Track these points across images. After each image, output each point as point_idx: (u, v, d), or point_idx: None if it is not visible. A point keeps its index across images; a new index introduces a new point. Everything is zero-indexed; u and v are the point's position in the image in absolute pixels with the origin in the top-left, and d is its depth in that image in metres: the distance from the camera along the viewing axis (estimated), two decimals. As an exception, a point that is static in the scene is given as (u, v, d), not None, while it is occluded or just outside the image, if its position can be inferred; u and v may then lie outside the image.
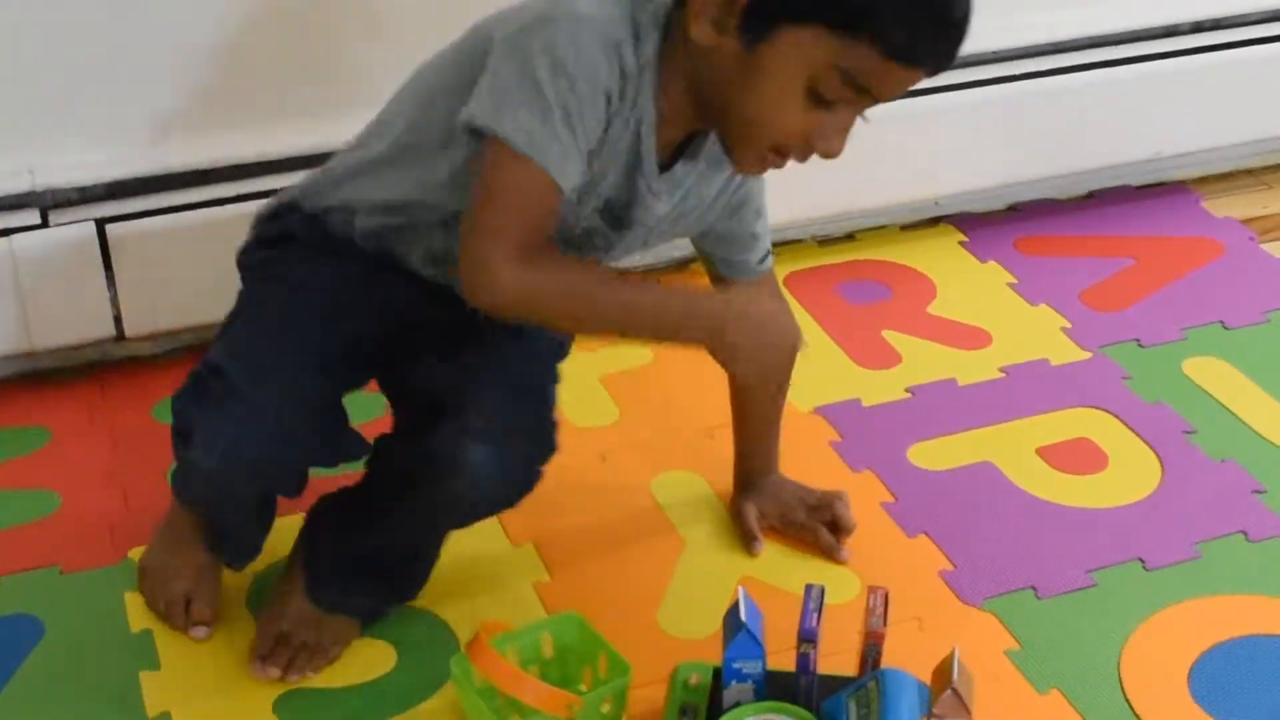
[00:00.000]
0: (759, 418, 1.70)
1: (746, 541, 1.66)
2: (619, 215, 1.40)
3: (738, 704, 1.39)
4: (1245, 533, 1.69)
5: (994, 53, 2.10)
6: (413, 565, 1.55)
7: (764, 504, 1.68)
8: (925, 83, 2.06)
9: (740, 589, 1.41)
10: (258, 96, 1.81)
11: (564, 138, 1.27)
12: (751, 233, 1.56)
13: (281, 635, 1.50)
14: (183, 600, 1.55)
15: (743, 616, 1.38)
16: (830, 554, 1.64)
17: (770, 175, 2.02)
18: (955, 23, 1.26)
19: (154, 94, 1.79)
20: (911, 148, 2.11)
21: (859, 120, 1.31)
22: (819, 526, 1.66)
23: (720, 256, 1.58)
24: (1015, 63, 2.12)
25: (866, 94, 1.28)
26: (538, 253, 1.29)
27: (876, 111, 2.03)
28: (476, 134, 1.29)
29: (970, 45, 2.05)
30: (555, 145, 1.27)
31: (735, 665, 1.39)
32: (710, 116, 1.34)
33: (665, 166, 1.38)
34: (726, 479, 1.75)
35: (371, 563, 1.51)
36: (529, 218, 1.29)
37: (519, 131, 1.26)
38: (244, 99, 1.81)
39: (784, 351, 1.45)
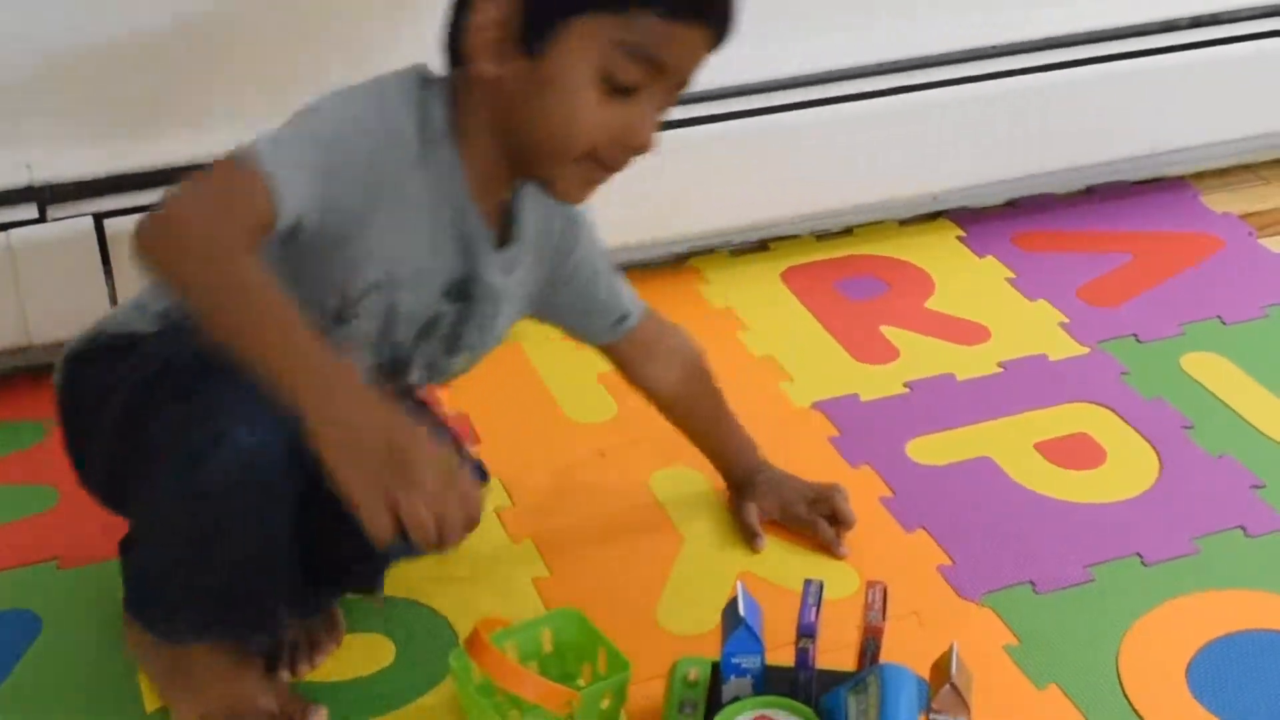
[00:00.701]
0: (709, 419, 1.68)
1: (749, 538, 1.66)
2: (462, 293, 1.36)
3: (736, 699, 1.40)
4: (1244, 528, 1.69)
5: (992, 47, 2.10)
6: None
7: (764, 501, 1.68)
8: (924, 77, 2.10)
9: (739, 584, 1.42)
10: (257, 91, 1.81)
11: (287, 152, 1.22)
12: (601, 300, 1.55)
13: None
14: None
15: (741, 612, 1.38)
16: (830, 548, 1.64)
17: (769, 171, 2.05)
18: None
19: (152, 88, 1.79)
20: (909, 143, 2.11)
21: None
22: (819, 520, 1.66)
23: (576, 326, 1.59)
24: (1013, 58, 2.12)
25: (662, 69, 1.25)
26: (240, 243, 1.19)
27: (875, 106, 2.05)
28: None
29: (969, 41, 2.09)
30: (270, 154, 1.21)
31: (734, 660, 1.39)
32: (522, 158, 1.31)
33: (503, 241, 1.37)
34: (725, 474, 1.76)
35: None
36: (228, 197, 1.20)
37: (253, 149, 1.21)
38: (243, 93, 1.80)
39: (377, 492, 1.20)
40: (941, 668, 1.38)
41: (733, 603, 1.40)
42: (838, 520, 1.66)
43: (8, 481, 1.74)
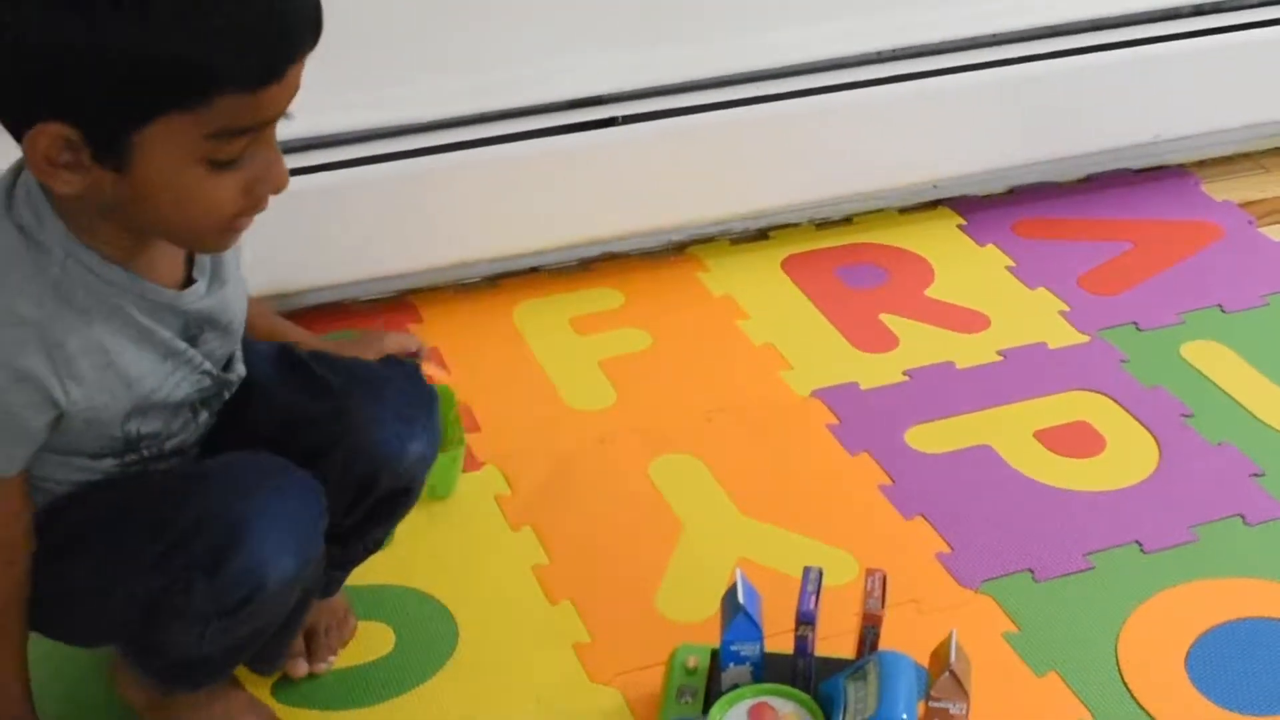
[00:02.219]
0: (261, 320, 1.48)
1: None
2: (196, 339, 1.27)
3: (735, 686, 1.40)
4: (1243, 516, 1.69)
5: (992, 36, 2.11)
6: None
7: None
8: (924, 65, 2.10)
9: (738, 571, 1.42)
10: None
11: None
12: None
13: None
14: None
15: (740, 599, 1.39)
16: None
17: (769, 159, 2.06)
18: (280, 12, 1.10)
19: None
20: (910, 131, 2.11)
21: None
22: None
23: None
24: (1013, 46, 2.12)
25: (262, 124, 1.13)
26: None
27: (876, 94, 2.05)
28: None
29: (970, 28, 2.09)
30: None
31: (733, 648, 1.39)
32: (148, 233, 1.19)
33: (190, 274, 1.25)
34: (724, 463, 1.76)
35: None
36: None
37: None
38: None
39: None
40: (941, 655, 1.39)
41: (732, 590, 1.41)
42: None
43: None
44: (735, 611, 1.39)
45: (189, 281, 1.24)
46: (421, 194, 1.92)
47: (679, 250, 2.14)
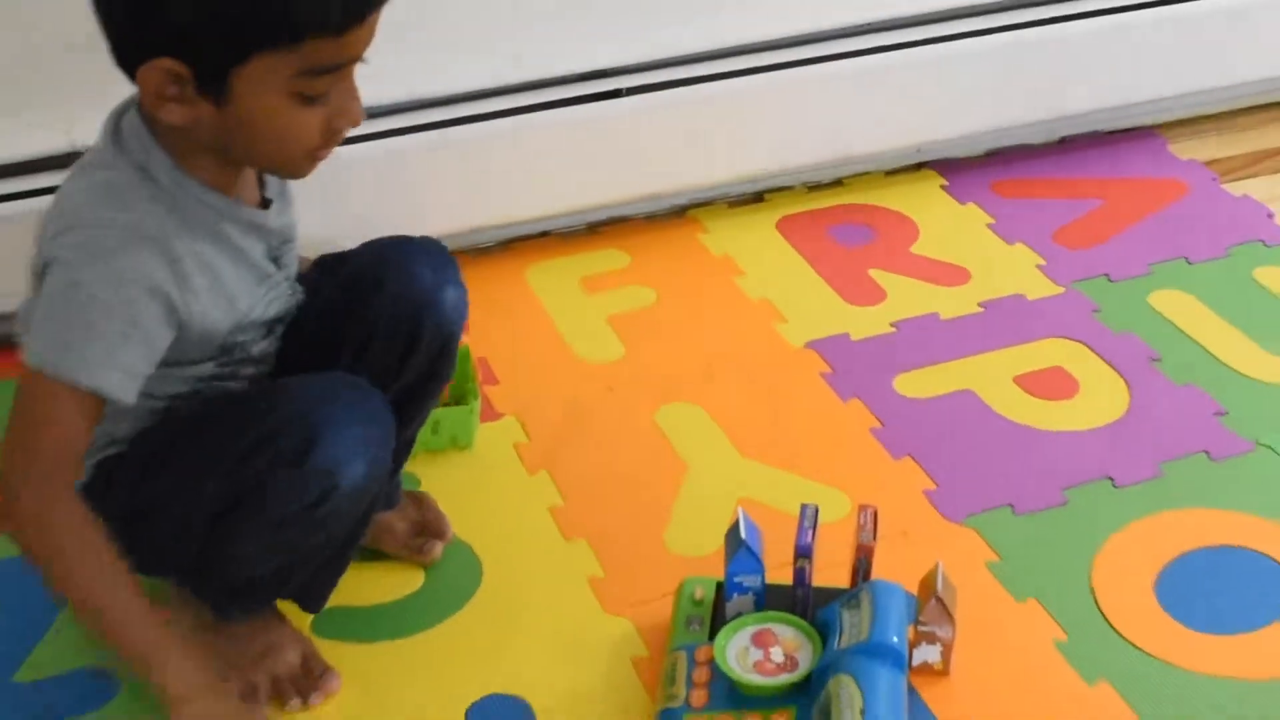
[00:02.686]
0: None
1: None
2: (275, 259, 1.34)
3: (739, 615, 1.42)
4: (1207, 452, 1.71)
5: (971, 7, 2.10)
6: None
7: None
8: (907, 36, 2.09)
9: (740, 509, 1.43)
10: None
11: (89, 349, 1.19)
12: None
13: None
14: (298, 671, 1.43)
15: (743, 535, 1.40)
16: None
17: (763, 126, 2.06)
18: None
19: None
20: (894, 98, 2.11)
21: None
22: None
23: None
24: (991, 17, 2.12)
25: (344, 65, 1.20)
26: (61, 487, 1.23)
27: (862, 64, 2.05)
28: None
29: (950, 1, 2.08)
30: (78, 362, 1.19)
31: (736, 579, 1.41)
32: (247, 165, 1.27)
33: (264, 194, 1.33)
34: (725, 409, 1.77)
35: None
36: (50, 431, 1.21)
37: (38, 355, 1.20)
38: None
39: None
40: (928, 583, 1.41)
41: (734, 527, 1.42)
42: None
43: (61, 425, 1.75)
44: (738, 546, 1.40)
45: (265, 204, 1.32)
46: (437, 164, 1.92)
47: (680, 213, 2.14)
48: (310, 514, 1.27)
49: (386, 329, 1.40)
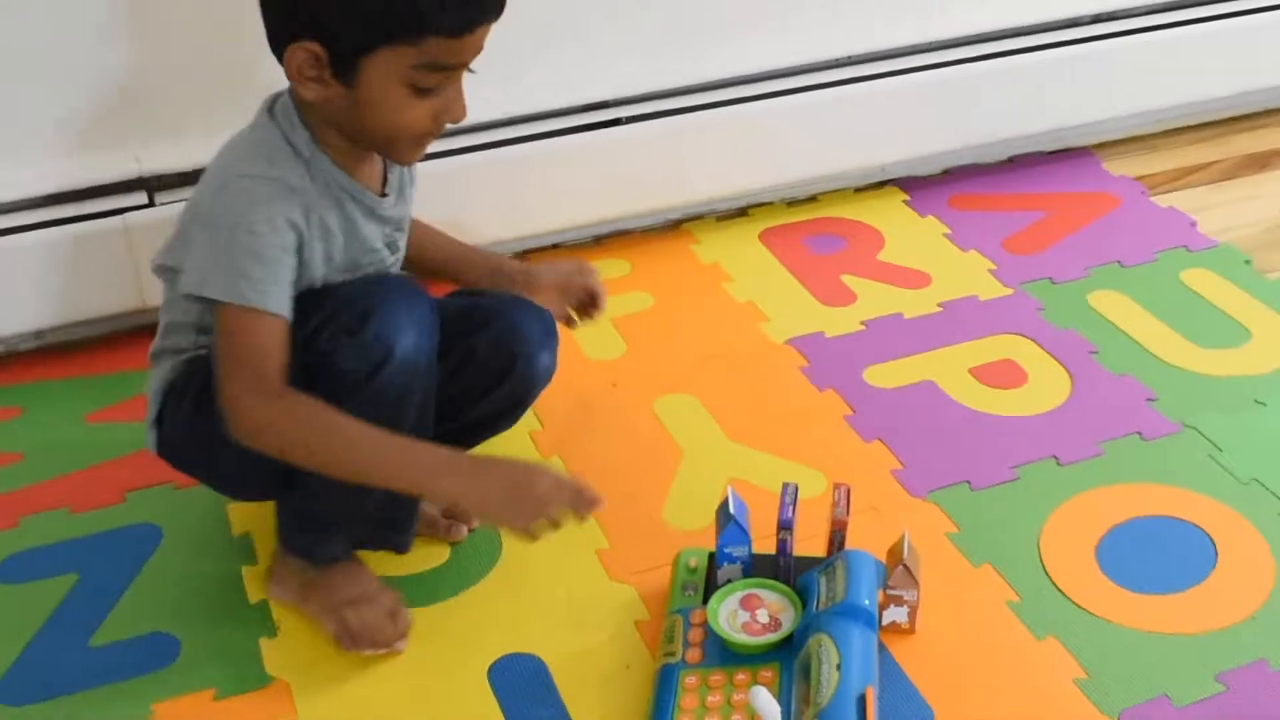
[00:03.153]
0: (437, 241, 1.57)
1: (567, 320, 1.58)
2: (389, 244, 1.40)
3: (729, 581, 1.41)
4: (1140, 433, 1.69)
5: (928, 44, 2.10)
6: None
7: (545, 296, 1.56)
8: (874, 69, 2.09)
9: (729, 488, 1.43)
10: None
11: (259, 273, 1.25)
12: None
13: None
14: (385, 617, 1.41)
15: (731, 510, 1.39)
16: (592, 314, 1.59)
17: (748, 149, 2.05)
18: None
19: (237, 93, 1.78)
20: (863, 123, 2.10)
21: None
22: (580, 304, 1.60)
23: None
24: (946, 51, 2.11)
25: (456, 68, 1.27)
26: (281, 388, 1.26)
27: (835, 94, 2.05)
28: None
29: (910, 38, 2.08)
30: (253, 285, 1.25)
31: (726, 550, 1.40)
32: (366, 145, 1.32)
33: (383, 189, 1.38)
34: (715, 400, 1.76)
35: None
36: (256, 352, 1.26)
37: (222, 288, 1.25)
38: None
39: (529, 507, 1.28)
40: (895, 552, 1.40)
41: (724, 503, 1.41)
42: (594, 300, 1.60)
43: (132, 420, 1.74)
44: (727, 521, 1.39)
45: (383, 195, 1.37)
46: (463, 186, 1.91)
47: (674, 227, 2.13)
48: (371, 383, 1.27)
49: (484, 358, 1.42)
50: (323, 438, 1.25)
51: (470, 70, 1.28)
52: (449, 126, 1.31)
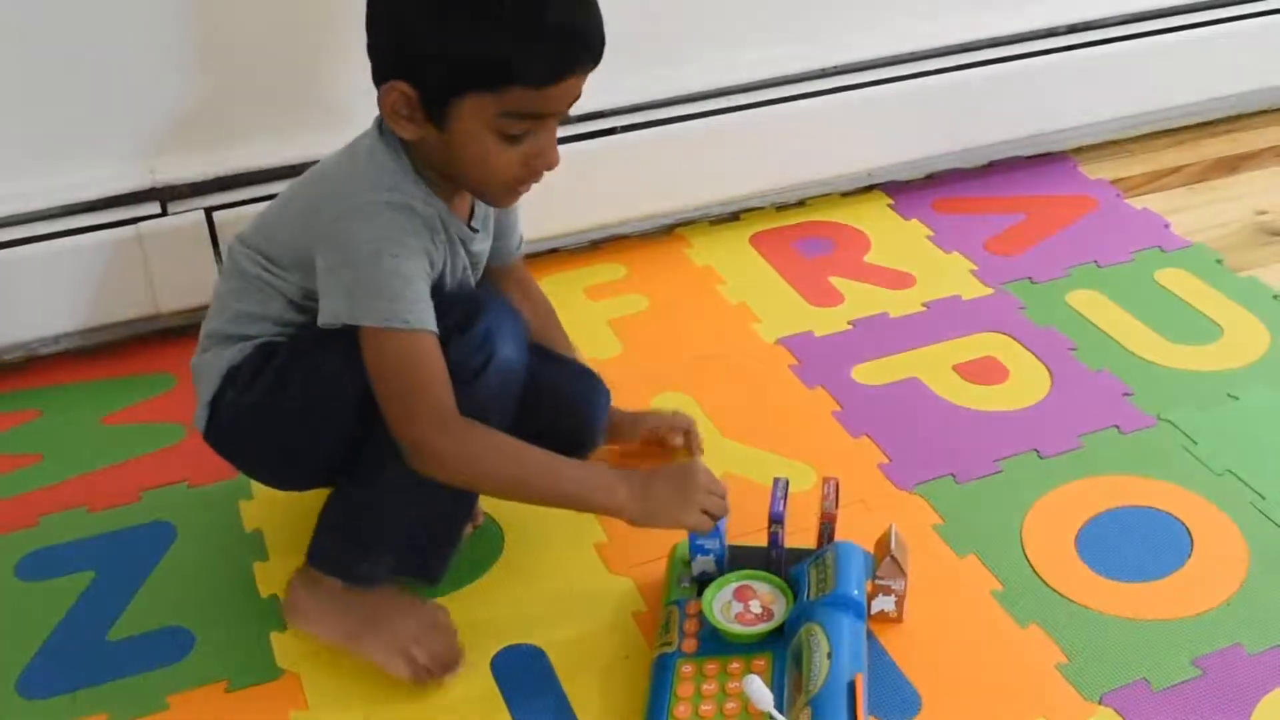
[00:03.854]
0: (560, 340, 1.57)
1: (674, 430, 1.60)
2: (473, 268, 1.39)
3: (704, 573, 1.39)
4: (1118, 426, 1.69)
5: (912, 53, 2.09)
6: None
7: (633, 432, 1.61)
8: (860, 78, 2.09)
9: None
10: (335, 102, 1.80)
11: (410, 294, 1.22)
12: (515, 225, 1.51)
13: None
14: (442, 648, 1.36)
15: None
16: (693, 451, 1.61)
17: (739, 156, 2.04)
18: (579, 28, 1.20)
19: (248, 107, 1.78)
20: (849, 131, 2.10)
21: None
22: (683, 446, 1.61)
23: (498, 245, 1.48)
24: (930, 61, 2.10)
25: (546, 116, 1.23)
26: (459, 418, 1.23)
27: (822, 103, 2.04)
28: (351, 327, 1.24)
29: (895, 48, 2.08)
30: (408, 306, 1.22)
31: (699, 542, 1.39)
32: (459, 184, 1.30)
33: (470, 222, 1.36)
34: (709, 397, 1.75)
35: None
36: (426, 379, 1.23)
37: (378, 314, 1.22)
38: (323, 106, 1.79)
39: (696, 498, 1.32)
40: (883, 543, 1.39)
41: None
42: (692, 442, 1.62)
43: (145, 421, 1.74)
44: None
45: (472, 230, 1.35)
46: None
47: (668, 231, 2.12)
48: (474, 384, 1.24)
49: (549, 422, 1.38)
50: (515, 466, 1.26)
51: (567, 117, 1.25)
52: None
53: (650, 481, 1.31)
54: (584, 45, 1.21)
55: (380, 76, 1.23)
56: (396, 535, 1.35)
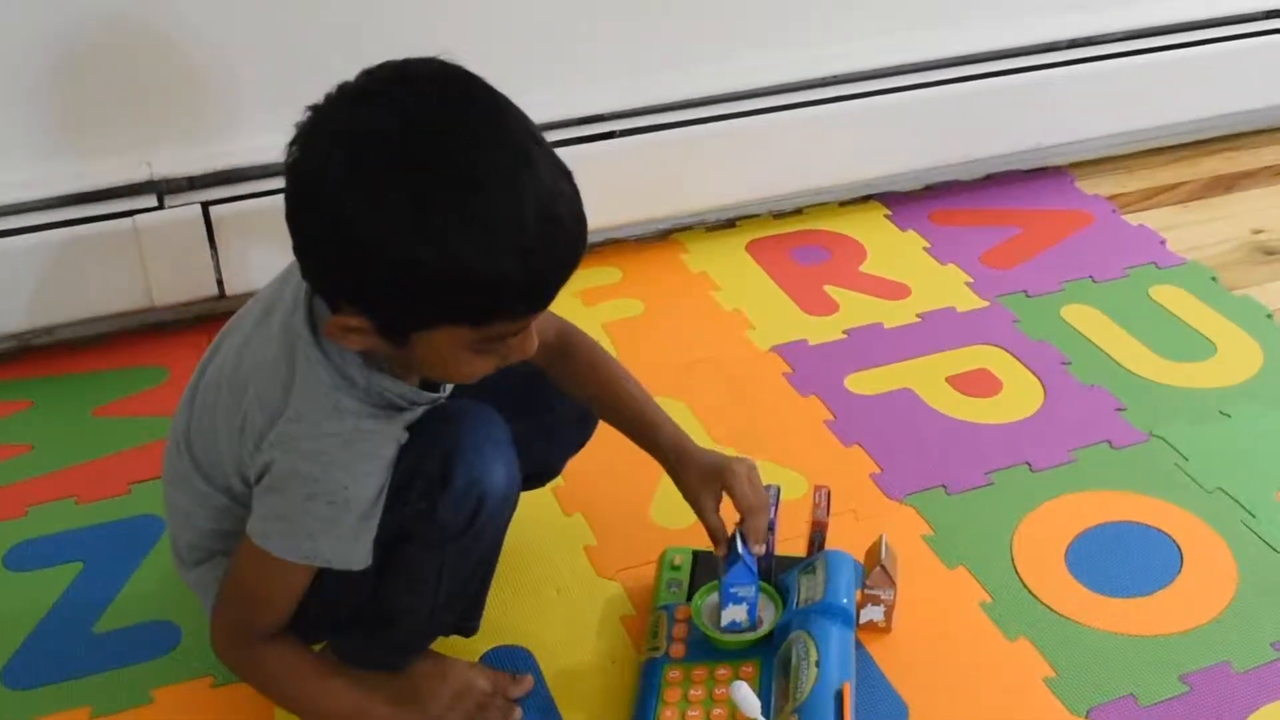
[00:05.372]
0: (633, 392, 1.38)
1: (716, 543, 1.34)
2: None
3: (734, 622, 1.34)
4: (1110, 442, 1.69)
5: (911, 65, 2.09)
6: None
7: (711, 489, 1.36)
8: (858, 88, 2.09)
9: (739, 528, 1.33)
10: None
11: (329, 537, 1.12)
12: None
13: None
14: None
15: (739, 549, 1.32)
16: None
17: (736, 163, 2.04)
18: (560, 258, 1.05)
19: (243, 102, 1.77)
20: (847, 140, 2.10)
21: None
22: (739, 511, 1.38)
23: None
24: (929, 72, 2.10)
25: (525, 328, 1.08)
26: (261, 638, 1.18)
27: (820, 111, 2.04)
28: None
29: (894, 59, 2.08)
30: (314, 547, 1.12)
31: (732, 590, 1.32)
32: (414, 372, 1.15)
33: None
34: (702, 403, 1.75)
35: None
36: (273, 604, 1.16)
37: (289, 549, 1.12)
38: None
39: (478, 703, 1.27)
40: (873, 553, 1.39)
41: (733, 537, 1.33)
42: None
43: (140, 414, 1.73)
44: (735, 559, 1.31)
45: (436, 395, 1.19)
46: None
47: (664, 236, 2.12)
48: (470, 529, 1.16)
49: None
50: (286, 698, 1.23)
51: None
52: None
53: (420, 700, 1.26)
54: (571, 248, 1.06)
55: (321, 288, 1.07)
56: (437, 626, 1.30)
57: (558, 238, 1.04)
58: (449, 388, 1.22)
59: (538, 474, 1.45)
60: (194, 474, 1.21)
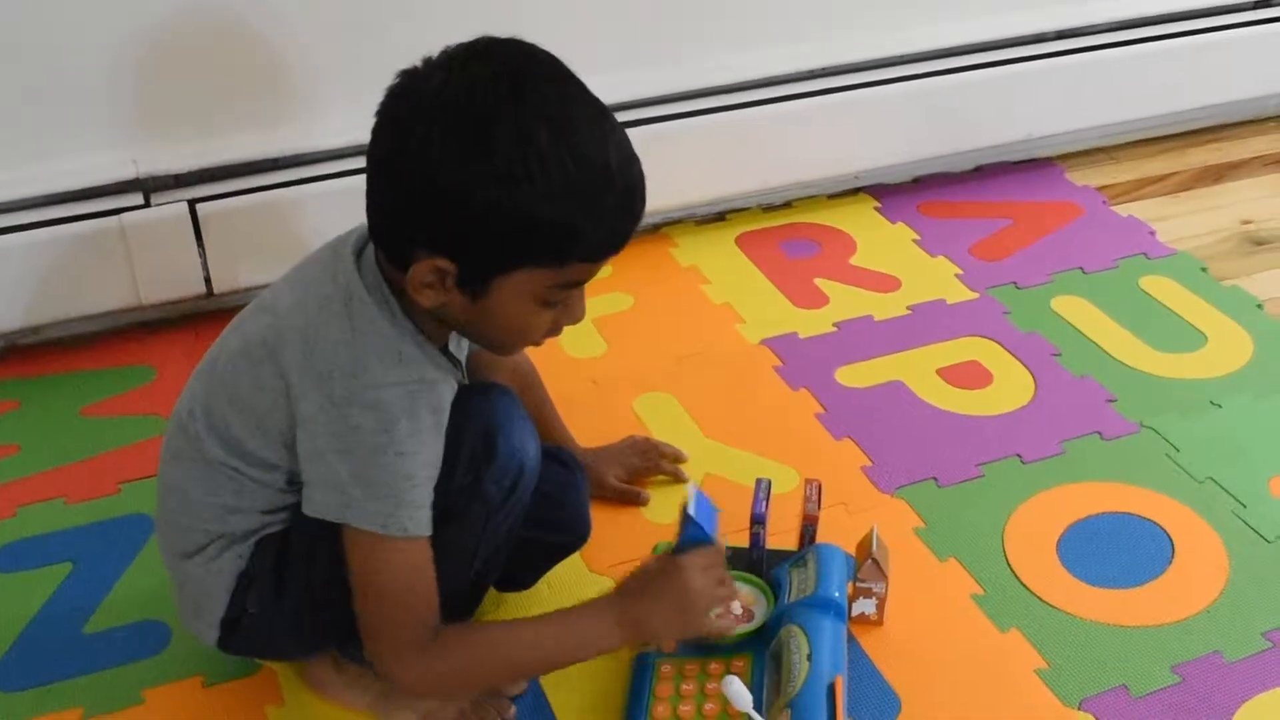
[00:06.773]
0: (536, 413, 1.42)
1: (632, 498, 1.55)
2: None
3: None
4: (1100, 433, 1.69)
5: (900, 56, 2.09)
6: None
7: (611, 470, 1.57)
8: (847, 80, 2.09)
9: (690, 486, 1.36)
10: (318, 95, 1.79)
11: (413, 496, 1.11)
12: None
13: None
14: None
15: (691, 510, 1.32)
16: (679, 475, 1.59)
17: (726, 157, 2.04)
18: (636, 208, 1.11)
19: (231, 99, 1.77)
20: (836, 133, 2.10)
21: None
22: (661, 462, 1.59)
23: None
24: (918, 64, 2.11)
25: (584, 283, 1.14)
26: (435, 633, 1.14)
27: (809, 104, 2.04)
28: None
29: (883, 51, 2.08)
30: (410, 513, 1.11)
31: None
32: (463, 336, 1.20)
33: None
34: (692, 398, 1.75)
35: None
36: (415, 597, 1.13)
37: (376, 519, 1.10)
38: (307, 99, 1.79)
39: (698, 607, 1.24)
40: (864, 546, 1.39)
41: (684, 504, 1.34)
42: (666, 455, 1.60)
43: (127, 413, 1.73)
44: (686, 521, 1.32)
45: (456, 360, 1.22)
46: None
47: (654, 230, 2.12)
48: (511, 498, 1.20)
49: (547, 542, 1.38)
50: (501, 662, 1.19)
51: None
52: None
53: (644, 606, 1.22)
54: (642, 206, 1.12)
55: (406, 246, 1.09)
56: (454, 613, 1.24)
57: (635, 189, 1.11)
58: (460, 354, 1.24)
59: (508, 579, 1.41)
60: (206, 438, 1.19)
